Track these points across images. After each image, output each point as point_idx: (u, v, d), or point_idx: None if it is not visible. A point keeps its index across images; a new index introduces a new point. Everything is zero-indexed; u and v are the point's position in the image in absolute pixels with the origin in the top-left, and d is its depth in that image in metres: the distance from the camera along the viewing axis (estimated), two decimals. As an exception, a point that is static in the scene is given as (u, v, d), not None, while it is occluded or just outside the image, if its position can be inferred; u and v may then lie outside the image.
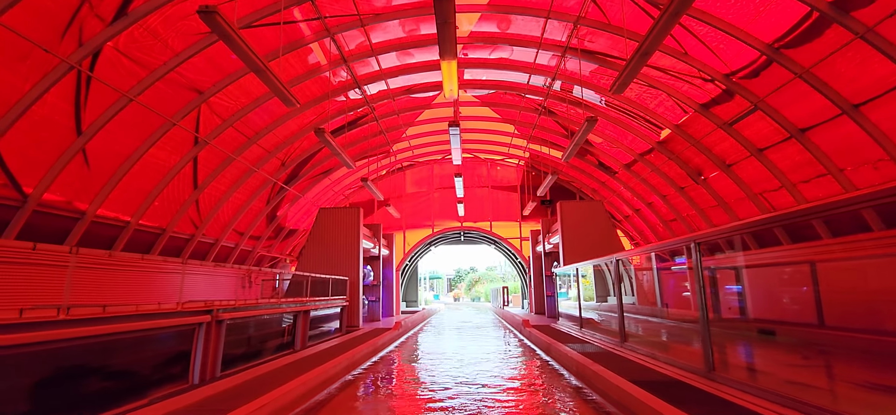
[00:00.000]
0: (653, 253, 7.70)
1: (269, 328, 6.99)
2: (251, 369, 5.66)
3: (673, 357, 5.58)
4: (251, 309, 5.92)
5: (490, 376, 7.16)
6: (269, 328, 6.99)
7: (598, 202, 14.31)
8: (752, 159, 11.00)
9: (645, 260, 13.27)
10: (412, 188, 22.71)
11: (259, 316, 6.35)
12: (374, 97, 14.03)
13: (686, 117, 11.67)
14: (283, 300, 7.08)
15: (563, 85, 13.18)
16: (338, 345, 8.37)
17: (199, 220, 13.61)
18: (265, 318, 6.59)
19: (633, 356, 6.18)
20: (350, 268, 13.38)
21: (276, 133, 13.43)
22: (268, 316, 6.64)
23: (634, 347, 6.57)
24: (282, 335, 7.38)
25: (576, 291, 13.49)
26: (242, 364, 5.94)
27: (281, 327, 7.37)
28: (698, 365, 4.85)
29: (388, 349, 10.64)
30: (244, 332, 6.21)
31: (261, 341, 6.80)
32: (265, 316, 6.52)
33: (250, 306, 5.88)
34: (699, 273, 4.62)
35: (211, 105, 10.77)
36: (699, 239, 4.58)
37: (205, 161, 12.22)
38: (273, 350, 7.09)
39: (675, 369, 5.24)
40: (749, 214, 12.72)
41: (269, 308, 6.48)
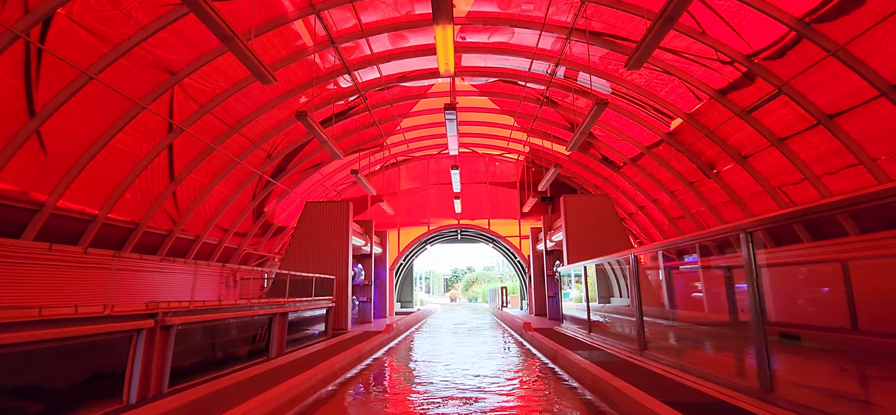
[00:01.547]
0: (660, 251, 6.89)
1: (240, 333, 6.16)
2: (209, 382, 4.81)
3: (707, 369, 4.74)
4: (212, 312, 5.08)
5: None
6: (240, 333, 6.16)
7: (604, 196, 13.50)
8: (772, 150, 10.21)
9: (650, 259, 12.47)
10: (407, 184, 21.86)
11: (224, 320, 5.51)
12: (365, 85, 13.18)
13: (699, 105, 10.87)
14: (255, 301, 6.25)
15: (567, 72, 12.37)
16: (319, 351, 7.51)
17: (178, 214, 12.72)
18: (231, 321, 5.75)
19: (656, 367, 5.34)
20: (338, 266, 12.51)
21: (260, 122, 12.56)
22: (235, 320, 5.79)
23: (656, 355, 5.72)
24: (255, 341, 6.54)
25: (580, 291, 12.68)
26: (201, 376, 5.10)
27: (254, 331, 6.53)
28: (746, 382, 4.00)
29: (375, 356, 9.74)
30: (207, 338, 5.38)
31: (228, 348, 5.96)
32: (231, 319, 5.68)
33: (210, 309, 5.04)
34: (752, 269, 3.78)
35: (185, 88, 9.89)
36: (753, 227, 3.73)
37: (181, 150, 11.33)
38: (244, 358, 6.25)
39: (714, 386, 4.39)
40: (765, 210, 11.93)
41: (236, 311, 5.64)
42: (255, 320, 6.47)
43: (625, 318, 7.90)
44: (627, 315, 7.47)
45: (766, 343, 3.54)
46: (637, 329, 6.06)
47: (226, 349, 5.78)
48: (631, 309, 11.51)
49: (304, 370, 5.75)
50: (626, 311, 9.53)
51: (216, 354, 5.54)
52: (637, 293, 5.98)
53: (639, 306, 5.93)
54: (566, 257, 12.67)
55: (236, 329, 5.98)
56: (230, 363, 5.82)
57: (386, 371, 8.25)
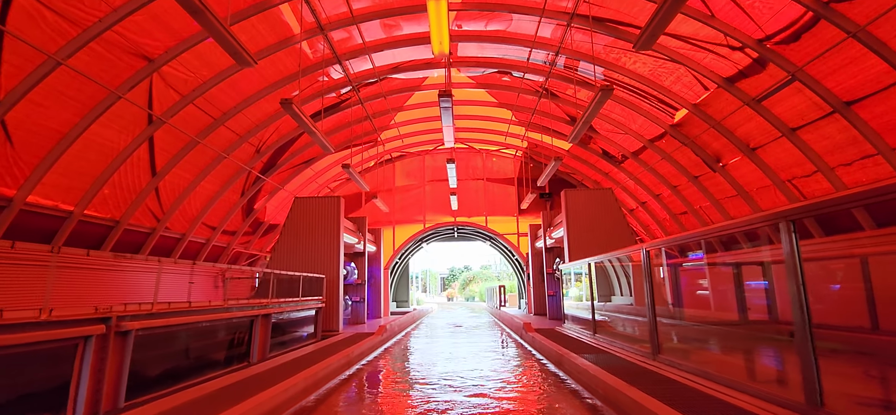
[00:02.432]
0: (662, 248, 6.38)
1: (216, 337, 5.65)
2: (176, 394, 4.30)
3: (734, 377, 4.22)
4: (180, 315, 4.56)
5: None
6: (216, 337, 5.65)
7: (607, 190, 13.02)
8: (782, 141, 9.76)
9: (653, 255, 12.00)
10: (402, 181, 21.34)
11: (196, 323, 5.00)
12: (358, 76, 12.65)
13: (706, 95, 10.40)
14: (232, 303, 5.74)
15: (568, 62, 11.88)
16: (304, 356, 6.98)
17: (162, 211, 12.17)
18: (204, 325, 5.23)
19: (674, 374, 4.83)
20: (329, 264, 11.98)
21: (247, 115, 12.02)
22: (209, 323, 5.27)
23: (672, 360, 5.19)
24: (234, 345, 6.02)
25: (579, 289, 12.19)
26: (168, 387, 4.58)
27: (234, 334, 6.02)
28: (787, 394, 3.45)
29: (365, 360, 9.14)
30: (176, 343, 4.86)
31: (202, 355, 5.45)
32: (204, 323, 5.16)
33: (178, 311, 4.52)
34: (796, 264, 3.25)
35: (164, 76, 9.35)
36: (797, 214, 3.18)
37: (163, 144, 10.78)
38: (221, 364, 5.74)
39: (748, 398, 3.86)
40: (773, 205, 11.49)
41: (209, 313, 5.12)
42: (234, 322, 5.95)
43: (633, 318, 7.42)
44: (636, 316, 6.99)
45: (813, 350, 3.04)
46: (650, 332, 5.56)
47: (200, 356, 5.27)
48: (635, 308, 11.05)
49: (285, 378, 5.25)
50: (632, 310, 9.06)
51: (188, 361, 5.03)
52: (650, 292, 5.49)
53: (652, 306, 5.44)
54: (567, 254, 12.20)
55: (212, 333, 5.46)
56: (204, 371, 5.30)
57: (375, 379, 7.62)
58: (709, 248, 13.80)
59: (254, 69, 10.69)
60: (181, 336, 4.84)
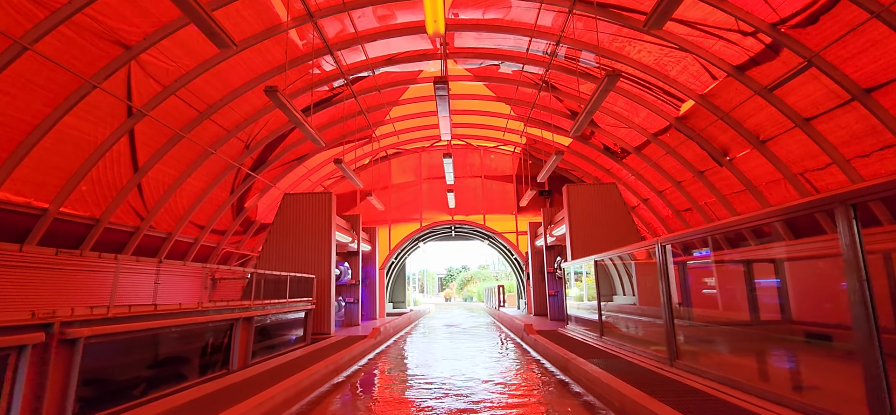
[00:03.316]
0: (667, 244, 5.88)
1: (189, 344, 5.15)
2: (137, 408, 3.79)
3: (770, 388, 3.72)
4: (141, 319, 4.05)
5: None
6: (189, 344, 5.15)
7: (612, 185, 12.55)
8: (795, 132, 9.32)
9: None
10: (398, 179, 20.84)
11: (165, 329, 4.50)
12: (350, 68, 12.15)
13: (714, 84, 9.95)
14: (209, 305, 5.24)
15: (569, 51, 11.40)
16: (289, 363, 6.43)
17: (145, 209, 11.64)
18: (175, 330, 4.71)
19: (698, 383, 4.29)
20: (320, 264, 11.46)
21: (235, 108, 11.50)
22: (180, 328, 4.76)
23: (692, 366, 4.64)
24: (210, 352, 5.52)
25: (580, 289, 11.71)
26: (130, 401, 4.08)
27: (211, 340, 5.52)
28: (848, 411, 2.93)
29: (355, 367, 8.46)
30: (141, 352, 4.37)
31: (176, 363, 4.95)
32: (174, 328, 4.64)
33: (140, 315, 4.01)
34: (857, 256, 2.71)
35: (144, 66, 8.83)
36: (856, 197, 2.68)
37: (145, 138, 10.26)
38: (196, 373, 5.24)
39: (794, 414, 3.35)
40: (783, 200, 11.05)
41: (180, 317, 4.61)
42: (211, 327, 5.44)
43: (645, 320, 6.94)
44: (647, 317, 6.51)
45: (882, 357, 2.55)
46: (667, 335, 5.06)
47: (170, 365, 4.77)
48: (640, 308, 10.57)
49: (265, 388, 4.76)
50: (638, 311, 8.58)
51: (155, 371, 4.53)
52: (666, 292, 5.00)
53: (668, 307, 4.95)
54: (570, 252, 11.71)
55: (184, 339, 4.96)
56: (175, 382, 4.80)
57: (366, 387, 6.94)
58: (715, 245, 13.36)
59: (240, 60, 10.19)
60: (147, 343, 4.34)
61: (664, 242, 5.14)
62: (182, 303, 4.67)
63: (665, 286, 4.99)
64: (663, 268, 5.04)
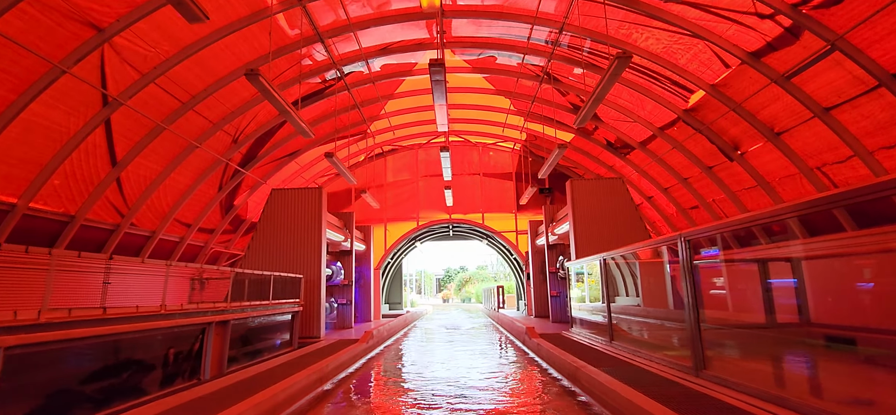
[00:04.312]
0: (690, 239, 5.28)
1: (151, 352, 4.58)
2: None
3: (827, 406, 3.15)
4: (87, 326, 3.47)
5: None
6: (151, 352, 4.58)
7: (618, 179, 11.99)
8: (813, 123, 8.78)
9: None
10: (394, 176, 20.25)
11: (120, 336, 3.92)
12: (343, 58, 11.58)
13: (726, 73, 9.41)
14: (176, 309, 4.66)
15: (572, 40, 10.85)
16: (268, 371, 5.77)
17: (126, 206, 11.03)
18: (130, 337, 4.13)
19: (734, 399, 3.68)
20: (309, 263, 10.86)
21: (221, 99, 10.91)
22: (138, 334, 4.18)
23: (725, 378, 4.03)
24: (177, 361, 4.94)
25: (581, 290, 11.16)
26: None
27: (179, 347, 4.94)
28: None
29: (342, 375, 7.78)
30: (93, 362, 3.80)
31: (135, 373, 4.37)
32: (129, 335, 4.07)
33: (84, 321, 3.44)
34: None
35: (119, 50, 8.23)
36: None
37: (123, 129, 9.66)
38: (160, 384, 4.66)
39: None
40: (797, 196, 10.52)
41: (137, 322, 4.02)
42: (178, 332, 4.87)
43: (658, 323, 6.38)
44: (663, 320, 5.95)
45: None
46: (691, 341, 4.47)
47: (127, 376, 4.19)
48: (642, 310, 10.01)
49: (237, 401, 4.18)
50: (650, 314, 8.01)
51: (105, 384, 3.96)
52: (692, 292, 4.43)
53: (694, 309, 4.37)
54: (574, 251, 11.15)
55: (144, 347, 4.39)
56: (132, 395, 4.22)
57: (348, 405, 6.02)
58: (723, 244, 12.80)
59: (225, 46, 9.60)
60: (97, 353, 3.77)
61: (687, 236, 4.58)
62: (140, 306, 4.10)
63: (690, 286, 4.43)
64: (687, 265, 4.49)
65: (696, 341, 4.40)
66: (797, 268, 9.21)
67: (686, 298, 4.52)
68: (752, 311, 9.18)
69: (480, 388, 6.88)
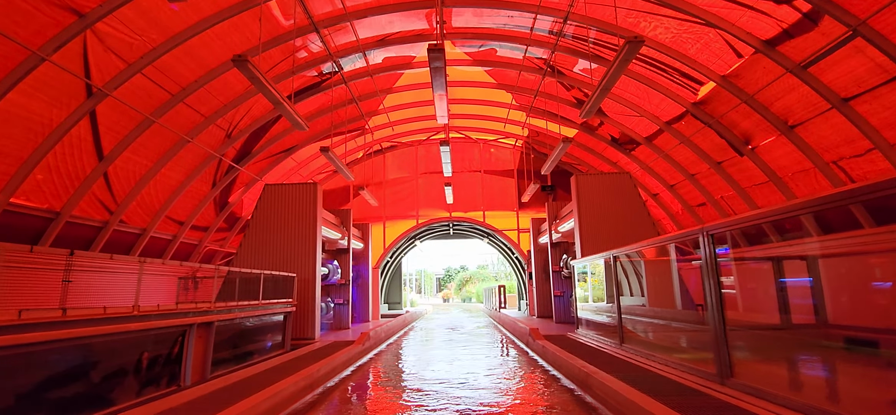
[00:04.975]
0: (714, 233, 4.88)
1: (128, 356, 4.20)
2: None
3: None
4: (39, 330, 3.08)
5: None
6: (128, 356, 4.20)
7: (625, 174, 11.60)
8: (830, 115, 8.39)
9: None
10: (393, 174, 19.86)
11: (86, 340, 3.54)
12: (339, 50, 11.20)
13: (738, 64, 9.02)
14: (151, 309, 4.29)
15: (577, 31, 10.47)
16: (256, 376, 5.35)
17: (115, 203, 10.65)
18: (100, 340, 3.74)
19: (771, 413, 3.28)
20: (304, 262, 10.46)
21: (212, 92, 10.53)
22: (105, 338, 3.79)
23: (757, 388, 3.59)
24: (159, 365, 4.57)
25: (584, 290, 10.77)
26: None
27: (158, 351, 4.57)
28: None
29: (335, 380, 7.24)
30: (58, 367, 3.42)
31: (104, 381, 4.00)
32: (98, 339, 3.68)
33: (36, 325, 3.04)
34: None
35: (103, 38, 7.85)
36: None
37: (110, 122, 9.28)
38: (134, 392, 4.28)
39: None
40: (811, 192, 10.13)
41: (103, 324, 3.63)
42: (153, 335, 4.48)
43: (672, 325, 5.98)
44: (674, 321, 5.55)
45: None
46: (716, 346, 4.05)
47: (94, 385, 3.80)
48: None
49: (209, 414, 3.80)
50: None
51: (70, 393, 3.57)
52: (715, 292, 4.03)
53: (719, 310, 3.97)
54: (579, 248, 10.76)
55: (116, 352, 4.01)
56: (98, 405, 3.83)
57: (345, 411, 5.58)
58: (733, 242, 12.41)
59: (216, 36, 9.22)
60: (58, 360, 3.39)
61: (710, 230, 4.18)
62: (108, 307, 3.72)
63: (714, 285, 4.04)
64: (710, 262, 4.10)
65: (722, 345, 4.00)
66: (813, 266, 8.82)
67: (709, 298, 4.13)
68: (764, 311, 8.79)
69: (484, 397, 6.48)
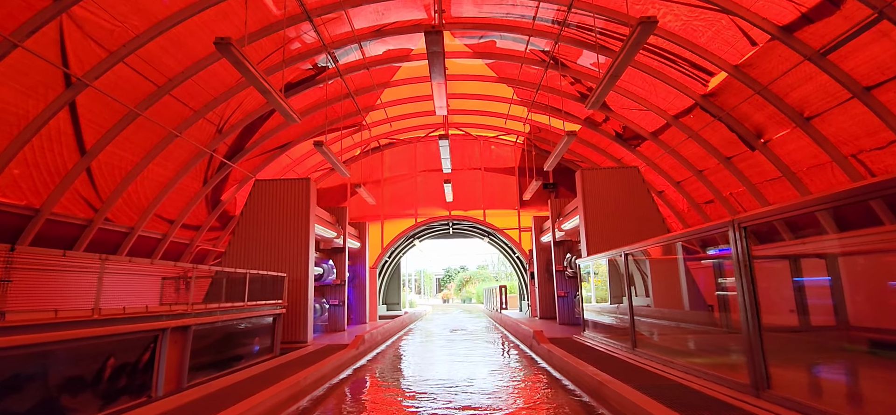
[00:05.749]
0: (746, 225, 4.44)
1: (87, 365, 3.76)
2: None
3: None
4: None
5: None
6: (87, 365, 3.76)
7: (633, 168, 11.15)
8: (850, 106, 7.95)
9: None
10: (392, 172, 19.42)
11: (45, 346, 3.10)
12: (334, 41, 10.76)
13: (752, 52, 8.58)
14: (115, 312, 3.85)
15: (582, 19, 10.02)
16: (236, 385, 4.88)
17: (99, 200, 10.20)
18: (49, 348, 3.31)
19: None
20: (296, 261, 10.00)
21: (201, 84, 10.10)
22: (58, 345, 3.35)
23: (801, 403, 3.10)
24: (126, 374, 4.14)
25: (587, 290, 10.33)
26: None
27: (126, 359, 4.13)
28: None
29: (323, 388, 6.58)
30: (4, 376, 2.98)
31: (71, 389, 3.56)
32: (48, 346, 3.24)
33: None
34: None
35: (81, 23, 7.41)
36: None
37: (92, 114, 8.84)
38: (98, 404, 3.84)
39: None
40: (827, 187, 9.69)
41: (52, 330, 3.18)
42: (119, 341, 4.04)
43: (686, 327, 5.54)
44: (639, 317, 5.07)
45: None
46: (751, 353, 3.55)
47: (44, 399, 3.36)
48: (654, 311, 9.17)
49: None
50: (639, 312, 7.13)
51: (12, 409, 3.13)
52: (749, 291, 3.57)
53: (754, 313, 3.51)
54: (585, 247, 10.31)
55: (72, 361, 3.58)
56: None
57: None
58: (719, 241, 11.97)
59: (203, 24, 8.78)
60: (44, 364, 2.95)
61: (742, 221, 3.72)
62: (59, 310, 3.29)
63: (747, 284, 3.58)
64: (743, 258, 3.65)
65: (757, 352, 3.53)
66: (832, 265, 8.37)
67: (742, 298, 3.68)
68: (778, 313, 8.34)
69: (486, 407, 6.01)
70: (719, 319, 7.88)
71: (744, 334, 3.70)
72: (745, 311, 3.67)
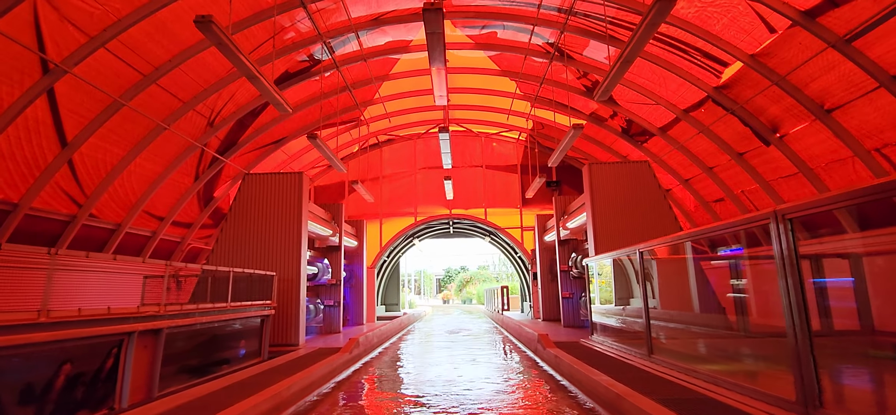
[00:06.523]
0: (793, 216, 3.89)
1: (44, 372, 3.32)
2: None
3: None
4: None
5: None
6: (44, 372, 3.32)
7: (643, 163, 10.67)
8: (876, 96, 7.49)
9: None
10: (391, 169, 18.95)
11: None
12: (330, 30, 10.30)
13: (771, 40, 8.11)
14: (69, 314, 3.40)
15: (589, 7, 9.56)
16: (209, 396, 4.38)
17: (83, 195, 9.75)
18: None
19: None
20: (287, 260, 9.52)
21: (190, 74, 9.64)
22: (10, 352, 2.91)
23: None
24: (84, 384, 3.69)
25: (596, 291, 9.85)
26: None
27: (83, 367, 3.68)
28: None
29: (310, 398, 5.99)
30: None
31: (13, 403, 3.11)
32: None
33: None
34: None
35: (58, 6, 6.96)
36: None
37: (73, 104, 8.39)
38: None
39: None
40: (846, 184, 9.22)
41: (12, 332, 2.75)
42: (73, 347, 3.59)
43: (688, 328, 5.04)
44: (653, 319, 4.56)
45: None
46: (800, 365, 3.04)
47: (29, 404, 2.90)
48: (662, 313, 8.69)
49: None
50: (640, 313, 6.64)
51: None
52: (796, 292, 3.09)
53: (802, 316, 3.05)
54: (593, 245, 9.83)
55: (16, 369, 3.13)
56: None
57: None
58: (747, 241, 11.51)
59: (191, 10, 8.31)
60: None
61: (787, 212, 3.20)
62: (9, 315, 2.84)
63: (794, 284, 3.10)
64: (789, 254, 3.18)
65: (807, 364, 3.05)
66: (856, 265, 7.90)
67: (787, 300, 3.22)
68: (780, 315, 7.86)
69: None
70: (737, 322, 7.41)
71: (789, 341, 3.22)
72: (792, 316, 3.20)
